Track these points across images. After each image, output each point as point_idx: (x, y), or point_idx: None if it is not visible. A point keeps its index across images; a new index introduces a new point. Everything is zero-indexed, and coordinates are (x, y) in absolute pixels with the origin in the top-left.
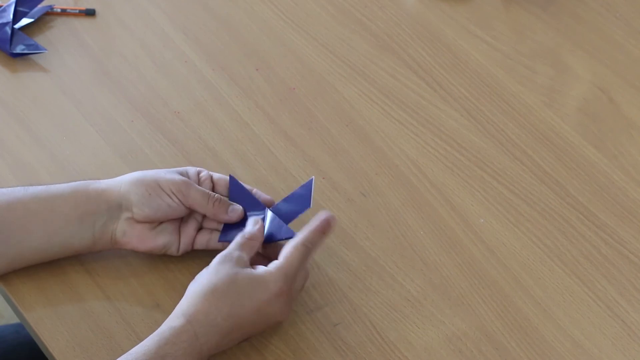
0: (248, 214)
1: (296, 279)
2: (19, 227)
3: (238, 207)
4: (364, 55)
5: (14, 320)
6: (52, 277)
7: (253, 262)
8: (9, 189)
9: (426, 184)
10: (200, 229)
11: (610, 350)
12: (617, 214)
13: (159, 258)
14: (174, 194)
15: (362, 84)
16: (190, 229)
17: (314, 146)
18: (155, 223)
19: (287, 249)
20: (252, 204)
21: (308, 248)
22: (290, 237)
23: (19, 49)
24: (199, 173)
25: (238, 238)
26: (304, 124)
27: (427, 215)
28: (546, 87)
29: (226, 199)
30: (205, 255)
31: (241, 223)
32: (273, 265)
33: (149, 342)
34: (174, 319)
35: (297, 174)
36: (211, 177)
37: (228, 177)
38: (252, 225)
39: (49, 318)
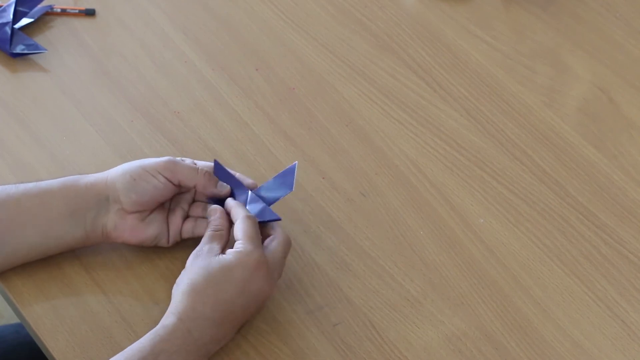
0: (233, 196)
1: (272, 248)
2: (12, 224)
3: (226, 186)
4: (364, 55)
5: (14, 320)
6: (51, 277)
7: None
8: (0, 186)
9: (426, 184)
10: (186, 218)
11: (610, 350)
12: (617, 214)
13: (158, 258)
14: (159, 173)
15: (362, 84)
16: (177, 218)
17: (314, 146)
18: (144, 212)
19: (239, 224)
20: (236, 188)
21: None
22: (276, 220)
23: (19, 49)
24: (182, 161)
25: (207, 231)
26: (303, 124)
27: (427, 215)
28: (546, 87)
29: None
30: None
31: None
32: (237, 243)
33: (143, 341)
34: (166, 318)
35: (297, 173)
36: (195, 165)
37: (212, 164)
38: (208, 215)
39: (49, 318)
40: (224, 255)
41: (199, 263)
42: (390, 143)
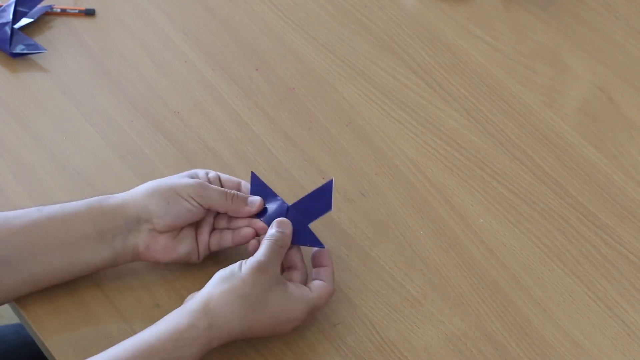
0: (268, 208)
1: (318, 302)
2: (37, 251)
3: (256, 198)
4: (364, 55)
5: (14, 320)
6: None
7: None
8: (23, 210)
9: (426, 184)
10: (212, 230)
11: (610, 350)
12: (617, 214)
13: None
14: (192, 197)
15: (362, 84)
16: (204, 233)
17: (314, 146)
18: (176, 231)
19: (323, 288)
20: (273, 202)
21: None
22: (319, 247)
23: (19, 49)
24: (207, 174)
25: (270, 243)
26: (303, 124)
27: (427, 215)
28: (546, 87)
29: (242, 193)
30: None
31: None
32: (305, 293)
33: (165, 339)
34: (196, 316)
35: (297, 174)
36: (219, 178)
37: (235, 178)
38: (279, 227)
39: (49, 318)
40: (286, 287)
41: (262, 282)
42: (390, 143)
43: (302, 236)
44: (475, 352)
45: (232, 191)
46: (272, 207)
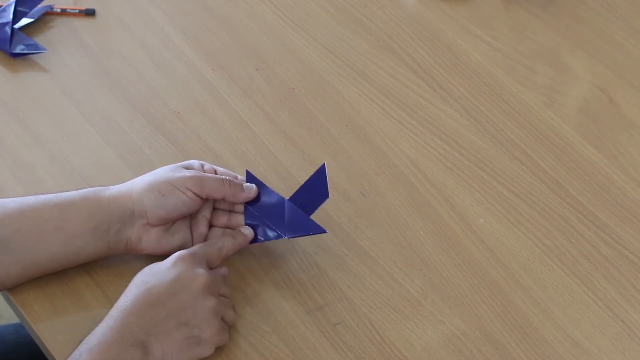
0: (265, 202)
1: (204, 253)
2: (32, 234)
3: (252, 185)
4: (364, 55)
5: (14, 320)
6: (52, 277)
7: None
8: (19, 197)
9: (426, 184)
10: (210, 227)
11: (610, 350)
12: (617, 214)
13: (158, 259)
14: (188, 189)
15: (362, 84)
16: (202, 226)
17: (314, 146)
18: (169, 224)
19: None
20: (270, 196)
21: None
22: (321, 233)
23: (19, 49)
24: (202, 166)
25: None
26: (303, 124)
27: (427, 215)
28: (546, 87)
29: (237, 180)
30: None
31: (261, 205)
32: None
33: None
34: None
35: (297, 174)
36: (215, 170)
37: (231, 172)
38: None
39: (49, 318)
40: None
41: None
42: (390, 143)
43: (304, 226)
44: (475, 352)
45: (228, 177)
46: (269, 201)
